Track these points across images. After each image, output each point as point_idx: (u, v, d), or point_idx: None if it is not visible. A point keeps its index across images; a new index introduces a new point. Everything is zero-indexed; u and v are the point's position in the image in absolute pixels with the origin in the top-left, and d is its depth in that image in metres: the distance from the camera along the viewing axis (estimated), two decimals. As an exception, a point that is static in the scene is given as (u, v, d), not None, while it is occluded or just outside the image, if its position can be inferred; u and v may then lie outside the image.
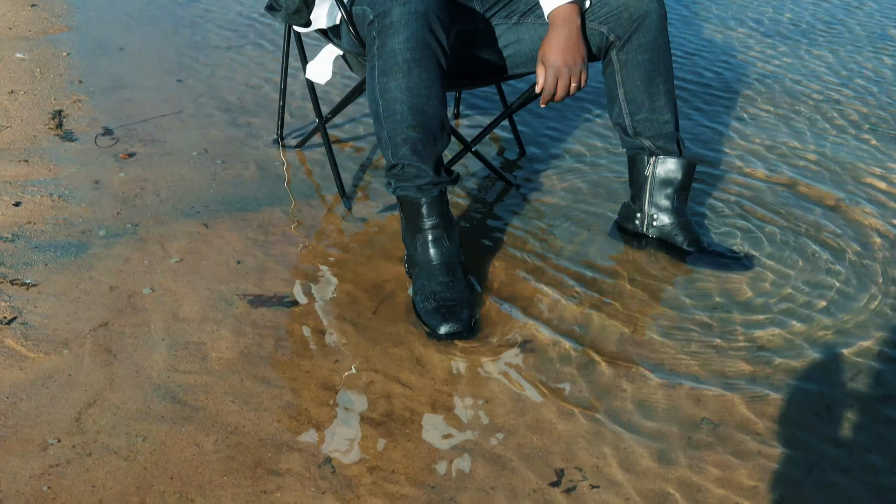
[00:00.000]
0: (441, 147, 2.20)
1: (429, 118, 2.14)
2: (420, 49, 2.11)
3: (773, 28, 4.07)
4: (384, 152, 2.19)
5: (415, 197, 2.19)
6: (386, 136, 2.16)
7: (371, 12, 2.16)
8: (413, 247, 2.22)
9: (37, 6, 4.12)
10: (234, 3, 4.16)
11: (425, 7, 2.12)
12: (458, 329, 2.08)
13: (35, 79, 3.40)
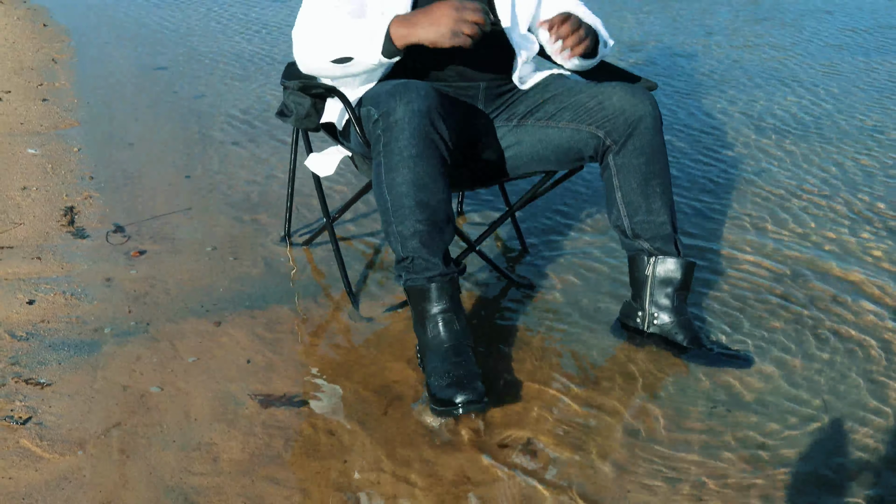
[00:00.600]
0: (448, 238, 2.27)
1: (435, 211, 2.22)
2: (424, 144, 2.19)
3: (763, 123, 4.18)
4: (393, 246, 2.26)
5: (424, 286, 2.25)
6: (395, 231, 2.23)
7: (375, 112, 2.25)
8: (424, 334, 2.27)
9: (48, 100, 4.23)
10: (240, 98, 4.27)
11: (427, 104, 2.21)
12: (473, 398, 2.11)
13: (47, 174, 3.48)
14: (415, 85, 2.23)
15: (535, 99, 2.58)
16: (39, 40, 5.07)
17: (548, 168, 2.61)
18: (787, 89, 4.58)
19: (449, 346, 2.23)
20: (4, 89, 4.32)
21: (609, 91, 2.48)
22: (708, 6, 6.06)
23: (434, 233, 2.22)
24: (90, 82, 4.49)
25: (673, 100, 4.40)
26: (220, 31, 5.27)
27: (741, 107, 4.34)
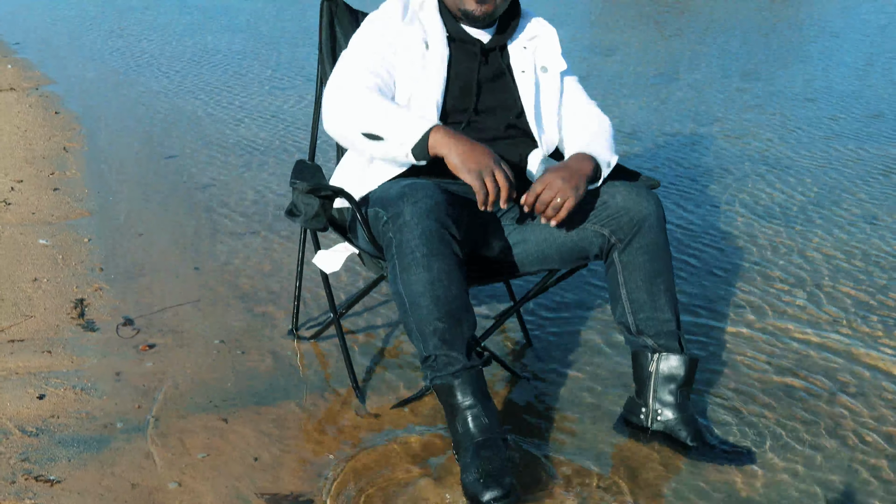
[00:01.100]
0: (468, 331, 2.30)
1: (453, 306, 2.26)
2: (435, 242, 2.24)
3: (761, 211, 4.23)
4: (415, 345, 2.30)
5: (450, 383, 2.28)
6: (415, 330, 2.27)
7: (384, 214, 2.31)
8: (454, 430, 2.30)
9: (59, 190, 4.29)
10: (247, 189, 4.33)
11: (434, 203, 2.27)
12: (499, 494, 2.14)
13: (57, 266, 3.53)
14: (421, 185, 2.29)
15: (540, 199, 2.63)
16: (51, 128, 5.16)
17: (553, 266, 2.65)
18: (780, 177, 4.64)
19: (479, 440, 2.26)
20: (16, 178, 4.39)
21: (613, 191, 2.54)
22: (697, 94, 6.17)
23: (454, 328, 2.26)
24: (101, 171, 4.57)
25: (669, 188, 4.46)
26: (231, 119, 5.36)
27: (738, 195, 4.40)
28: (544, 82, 2.74)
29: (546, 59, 2.76)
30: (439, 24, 2.67)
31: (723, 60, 7.03)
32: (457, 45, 2.67)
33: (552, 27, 2.80)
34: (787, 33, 8.17)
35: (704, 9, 9.10)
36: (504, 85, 2.69)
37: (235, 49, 7.07)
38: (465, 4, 2.62)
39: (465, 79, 2.64)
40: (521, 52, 2.74)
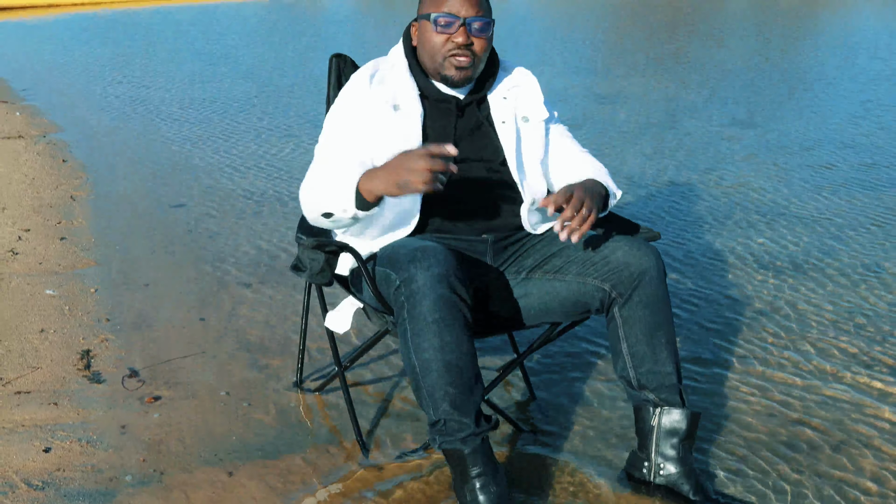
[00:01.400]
0: (478, 397, 2.33)
1: (463, 373, 2.29)
2: (447, 309, 2.27)
3: (761, 259, 4.25)
4: (425, 409, 2.32)
5: (459, 449, 2.30)
6: (425, 395, 2.30)
7: (396, 277, 2.34)
8: (463, 496, 2.32)
9: (66, 239, 4.33)
10: (253, 239, 4.37)
11: (446, 269, 2.30)
12: None
13: (64, 316, 3.56)
14: (432, 250, 2.32)
15: (542, 253, 2.67)
16: (59, 176, 5.21)
17: (555, 320, 2.67)
18: (773, 227, 4.66)
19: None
20: (24, 227, 4.43)
21: (614, 245, 2.57)
22: (693, 142, 6.22)
23: (464, 394, 2.29)
24: (108, 220, 4.61)
25: (663, 237, 4.49)
26: (236, 167, 5.41)
27: (732, 245, 4.43)
28: (526, 131, 2.76)
29: (527, 109, 2.78)
30: (410, 83, 2.70)
31: (719, 108, 7.09)
32: (431, 103, 2.71)
33: (533, 76, 2.84)
34: (783, 81, 8.25)
35: (702, 57, 9.19)
36: (484, 136, 2.72)
37: (239, 97, 7.15)
38: (445, 70, 2.66)
39: (441, 134, 2.67)
40: (501, 102, 2.76)
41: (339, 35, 10.26)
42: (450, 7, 2.62)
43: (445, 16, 2.61)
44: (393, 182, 2.31)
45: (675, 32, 10.84)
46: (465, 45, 2.62)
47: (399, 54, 2.77)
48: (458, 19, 2.61)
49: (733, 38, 10.51)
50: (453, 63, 2.63)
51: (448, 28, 2.61)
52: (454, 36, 2.62)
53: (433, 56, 2.65)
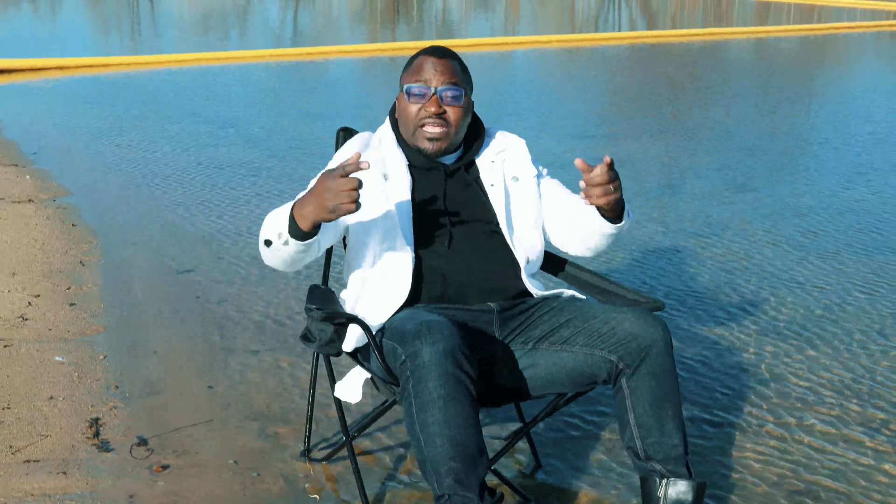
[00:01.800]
0: (482, 472, 2.35)
1: (468, 447, 2.31)
2: (452, 384, 2.31)
3: (768, 328, 4.28)
4: (429, 483, 2.34)
5: None
6: (430, 469, 2.32)
7: (402, 352, 2.38)
8: None
9: (75, 305, 4.36)
10: (262, 303, 4.40)
11: (452, 345, 2.34)
12: None
13: (73, 384, 3.58)
14: (438, 324, 2.36)
15: (549, 323, 2.71)
16: (68, 241, 5.26)
17: (561, 390, 2.71)
18: (780, 294, 4.69)
19: None
20: (34, 293, 4.47)
21: (621, 317, 2.61)
22: (694, 207, 6.27)
23: (468, 469, 2.31)
24: (117, 285, 4.65)
25: (670, 305, 4.52)
26: (244, 233, 5.45)
27: (739, 312, 4.45)
28: (516, 191, 2.84)
29: (516, 170, 2.87)
30: (399, 153, 2.79)
31: (716, 172, 7.18)
32: (419, 171, 2.78)
33: (520, 139, 2.92)
34: (779, 144, 8.35)
35: (701, 119, 9.30)
36: (475, 199, 2.80)
37: (246, 162, 7.23)
38: (418, 142, 2.76)
39: (432, 200, 2.75)
40: (489, 166, 2.85)
41: (343, 99, 10.39)
42: (422, 77, 2.72)
43: (418, 86, 2.71)
44: (322, 206, 2.39)
45: (674, 93, 10.97)
46: (437, 115, 2.69)
47: (387, 127, 2.86)
48: (430, 89, 2.70)
49: (732, 99, 10.63)
50: (425, 134, 2.72)
51: (421, 98, 2.70)
52: (426, 105, 2.71)
53: (408, 126, 2.76)
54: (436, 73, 2.74)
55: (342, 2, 26.65)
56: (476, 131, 2.87)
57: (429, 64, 2.75)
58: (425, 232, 2.71)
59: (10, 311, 4.25)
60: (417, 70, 2.75)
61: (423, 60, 2.77)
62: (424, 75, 2.74)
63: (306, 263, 2.66)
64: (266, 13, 23.83)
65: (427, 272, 2.70)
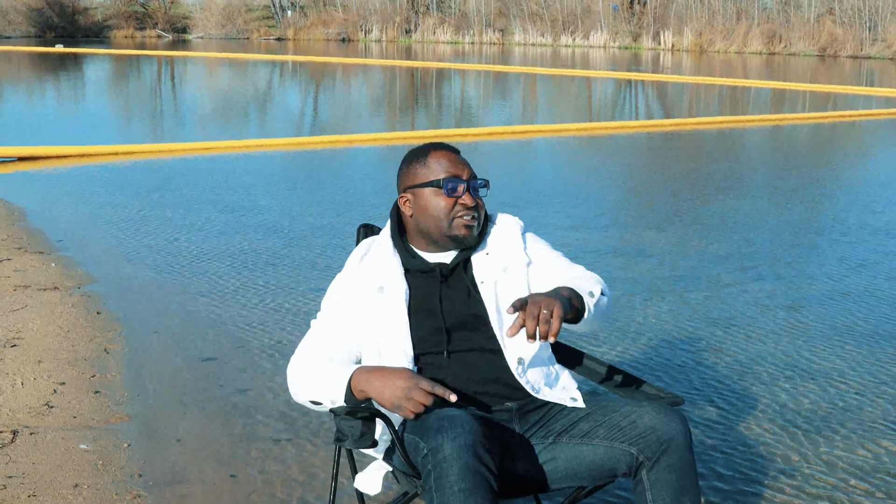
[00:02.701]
0: None
1: None
2: (473, 478, 2.35)
3: (789, 417, 4.29)
4: None
5: None
6: None
7: (424, 446, 2.43)
8: None
9: (100, 393, 4.43)
10: (282, 394, 4.45)
11: (473, 439, 2.39)
12: None
13: (98, 472, 3.63)
14: (459, 419, 2.41)
15: (569, 418, 2.75)
16: (93, 329, 5.34)
17: (581, 483, 2.74)
18: (799, 383, 4.71)
19: None
20: (59, 381, 4.54)
21: (641, 410, 2.65)
22: (714, 296, 6.31)
23: None
24: (140, 374, 4.71)
25: (692, 394, 4.55)
26: (266, 321, 5.53)
27: (758, 402, 4.48)
28: (505, 285, 2.83)
29: (507, 260, 2.87)
30: (395, 261, 2.83)
31: (738, 261, 7.22)
32: (414, 277, 2.82)
33: (516, 223, 2.94)
34: (802, 233, 8.40)
35: (722, 209, 9.38)
36: (472, 301, 2.82)
37: (267, 250, 7.33)
38: (454, 231, 2.80)
39: (427, 310, 2.78)
40: (483, 259, 2.87)
41: (362, 186, 10.54)
42: (451, 171, 2.79)
43: (452, 180, 2.77)
44: (387, 399, 2.52)
45: (688, 181, 11.08)
46: (471, 207, 2.77)
47: (387, 234, 2.91)
48: (463, 182, 2.78)
49: (745, 187, 10.73)
50: (464, 223, 2.78)
51: (455, 191, 2.77)
52: (462, 199, 2.77)
53: (439, 220, 2.80)
54: (459, 167, 2.83)
55: (361, 91, 27.11)
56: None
57: (450, 159, 2.84)
58: (424, 343, 2.76)
59: (35, 398, 4.31)
60: (439, 165, 2.83)
61: (444, 156, 2.85)
62: (452, 170, 2.82)
63: None
64: (287, 102, 24.26)
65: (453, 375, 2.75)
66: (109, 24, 68.91)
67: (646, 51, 54.81)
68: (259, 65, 38.47)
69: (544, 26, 62.01)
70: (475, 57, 46.01)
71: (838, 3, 52.45)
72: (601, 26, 59.63)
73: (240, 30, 68.03)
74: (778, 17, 54.43)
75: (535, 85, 29.75)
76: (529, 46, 58.99)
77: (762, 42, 52.34)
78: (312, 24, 68.10)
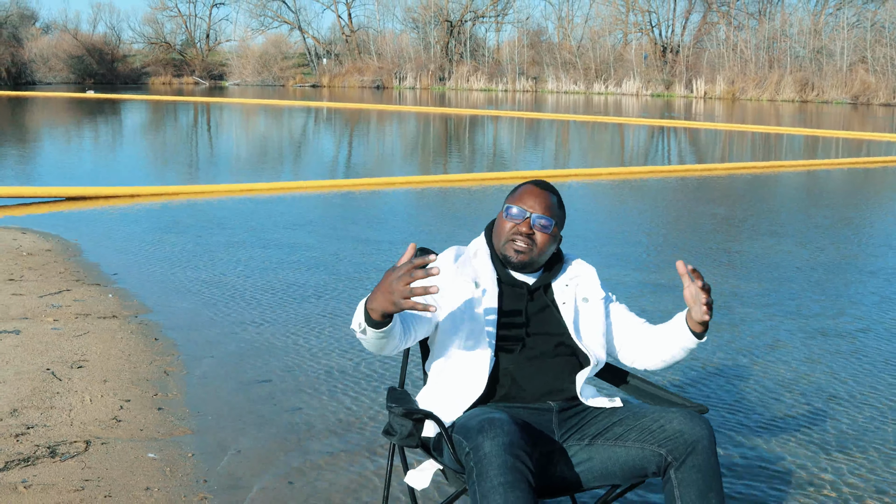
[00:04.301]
0: None
1: None
2: (512, 473, 2.64)
3: (817, 438, 4.52)
4: None
5: None
6: None
7: (466, 445, 2.72)
8: None
9: (163, 409, 4.74)
10: (332, 414, 4.74)
11: (510, 438, 2.68)
12: None
13: (166, 477, 3.93)
14: (499, 421, 2.71)
15: (604, 422, 3.04)
16: (152, 353, 5.66)
17: (614, 482, 3.01)
18: (829, 407, 4.94)
19: None
20: (125, 398, 4.85)
21: (670, 416, 2.93)
22: (743, 331, 6.52)
23: None
24: (199, 393, 5.02)
25: (722, 411, 4.78)
26: (315, 349, 5.82)
27: (787, 423, 4.70)
28: (585, 310, 3.25)
29: (587, 292, 3.29)
30: (491, 269, 3.20)
31: (770, 299, 7.41)
32: (505, 286, 3.19)
33: (591, 266, 3.37)
34: (836, 273, 8.56)
35: (752, 249, 9.58)
36: (549, 316, 3.20)
37: (313, 284, 7.63)
38: (505, 251, 3.19)
39: (515, 312, 3.15)
40: (563, 288, 3.27)
41: (398, 226, 10.86)
42: (523, 203, 3.15)
43: (517, 208, 3.15)
44: (388, 301, 2.68)
45: (724, 224, 11.29)
46: (526, 235, 3.11)
47: (482, 243, 3.27)
48: (526, 213, 3.13)
49: (782, 228, 10.92)
50: (513, 246, 3.14)
51: (516, 217, 3.14)
52: (519, 225, 3.13)
53: (499, 238, 3.19)
54: (535, 202, 3.19)
55: (395, 137, 27.54)
56: (556, 258, 3.30)
57: (531, 194, 3.22)
58: (505, 338, 3.10)
59: (104, 413, 4.63)
60: (521, 196, 3.22)
61: (528, 189, 3.24)
62: (526, 202, 3.18)
63: (401, 349, 3.00)
64: (322, 147, 24.70)
65: (501, 373, 3.07)
66: (147, 71, 70.24)
67: (678, 98, 55.12)
68: (294, 111, 39.15)
69: (577, 74, 62.56)
70: (508, 104, 46.53)
71: (871, 51, 52.63)
72: (633, 74, 60.09)
73: (276, 77, 69.11)
74: (810, 65, 54.68)
75: (567, 131, 30.12)
76: (562, 94, 59.47)
77: (794, 90, 52.62)
78: (347, 71, 69.08)
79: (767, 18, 59.66)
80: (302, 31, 74.44)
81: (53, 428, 4.39)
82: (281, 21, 75.90)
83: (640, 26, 67.12)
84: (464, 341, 3.09)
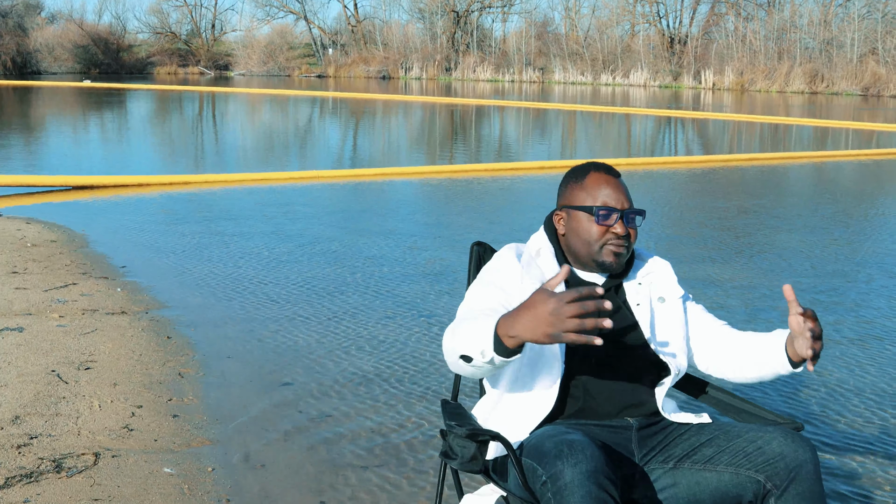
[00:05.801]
0: None
1: None
2: None
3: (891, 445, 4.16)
4: None
5: None
6: None
7: (543, 473, 2.33)
8: None
9: (178, 416, 4.36)
10: (363, 420, 4.36)
11: (595, 466, 2.29)
12: None
13: (184, 496, 3.55)
14: (580, 444, 2.32)
15: (691, 442, 2.65)
16: (165, 353, 5.28)
17: (703, 511, 2.62)
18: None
19: None
20: (136, 404, 4.47)
21: (768, 436, 2.54)
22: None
23: None
24: (218, 398, 4.64)
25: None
26: (340, 348, 5.44)
27: (861, 431, 4.35)
28: (661, 311, 2.84)
29: (663, 291, 2.88)
30: (557, 269, 2.79)
31: (803, 295, 7.08)
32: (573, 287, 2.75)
33: (666, 262, 2.95)
34: (861, 268, 8.23)
35: (771, 241, 9.24)
36: (623, 319, 2.78)
37: (332, 279, 7.28)
38: (602, 256, 2.76)
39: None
40: (636, 287, 2.86)
41: (410, 217, 10.50)
42: (607, 200, 2.74)
43: (606, 209, 2.73)
44: (542, 332, 2.19)
45: (738, 219, 10.93)
46: (623, 235, 2.72)
47: (544, 241, 2.86)
48: (617, 212, 2.72)
49: (797, 222, 10.58)
50: (611, 249, 2.73)
51: (607, 219, 2.72)
52: (613, 227, 2.72)
53: (589, 244, 2.76)
54: (619, 195, 2.77)
55: (401, 128, 27.20)
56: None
57: (609, 184, 2.78)
58: (576, 346, 2.67)
59: (114, 421, 4.25)
60: (600, 189, 2.78)
61: (603, 181, 2.79)
62: (608, 197, 2.76)
63: None
64: (328, 136, 24.39)
65: (573, 386, 2.68)
66: (153, 61, 69.86)
67: (686, 89, 54.78)
68: (300, 101, 38.75)
69: (584, 65, 62.18)
70: (515, 94, 46.13)
71: (881, 42, 52.17)
72: (641, 65, 59.71)
73: (281, 67, 68.76)
74: (820, 56, 54.20)
75: (574, 122, 29.72)
76: (569, 85, 59.13)
77: (804, 81, 52.17)
78: (353, 61, 68.72)
79: (777, 9, 59.17)
80: (308, 22, 73.96)
81: (59, 438, 4.01)
82: (287, 11, 75.42)
83: (648, 17, 66.60)
84: (530, 349, 2.68)
